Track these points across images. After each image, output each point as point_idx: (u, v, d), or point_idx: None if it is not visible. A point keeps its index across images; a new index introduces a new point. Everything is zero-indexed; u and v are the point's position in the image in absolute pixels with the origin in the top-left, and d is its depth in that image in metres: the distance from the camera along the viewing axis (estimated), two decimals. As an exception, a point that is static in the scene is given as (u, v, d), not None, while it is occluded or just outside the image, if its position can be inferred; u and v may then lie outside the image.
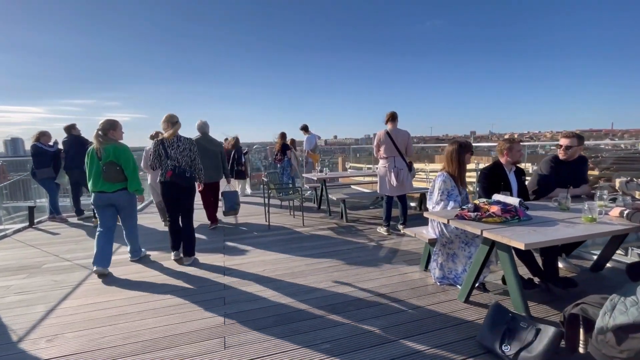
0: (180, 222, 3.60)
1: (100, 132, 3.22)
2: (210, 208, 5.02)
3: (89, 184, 3.32)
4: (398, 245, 4.03)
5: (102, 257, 3.27)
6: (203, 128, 4.76)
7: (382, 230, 4.54)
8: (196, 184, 3.70)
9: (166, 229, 4.41)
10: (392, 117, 4.31)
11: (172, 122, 3.47)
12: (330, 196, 5.86)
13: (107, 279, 3.26)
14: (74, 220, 5.91)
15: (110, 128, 3.28)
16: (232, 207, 4.99)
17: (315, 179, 5.72)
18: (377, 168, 4.53)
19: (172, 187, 3.43)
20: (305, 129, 7.74)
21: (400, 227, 4.57)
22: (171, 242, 3.59)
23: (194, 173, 3.54)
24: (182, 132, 3.58)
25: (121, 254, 3.90)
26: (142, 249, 3.85)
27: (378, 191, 4.53)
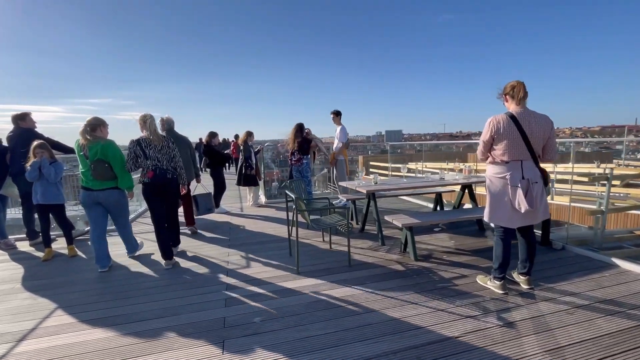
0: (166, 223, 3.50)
1: (88, 129, 3.17)
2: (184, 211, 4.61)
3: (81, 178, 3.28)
4: (545, 324, 2.18)
5: (102, 258, 3.36)
6: (169, 124, 4.34)
7: (491, 284, 2.70)
8: (181, 187, 3.60)
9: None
10: (522, 92, 2.45)
11: (144, 121, 3.30)
12: (384, 217, 4.02)
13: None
14: (25, 247, 4.25)
15: (100, 125, 3.26)
16: (206, 212, 4.93)
17: (364, 190, 3.87)
18: (487, 179, 2.66)
19: (155, 188, 3.31)
20: (339, 114, 5.92)
21: (520, 277, 2.72)
22: (161, 250, 3.42)
23: (176, 173, 3.43)
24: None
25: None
26: (139, 242, 3.88)
27: (486, 218, 2.67)
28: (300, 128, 5.65)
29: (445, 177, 4.36)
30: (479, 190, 7.51)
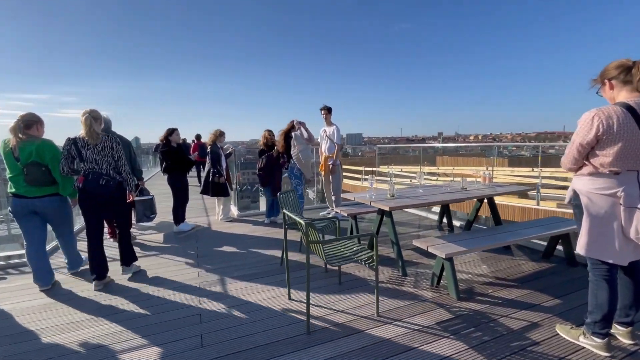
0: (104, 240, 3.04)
1: (22, 125, 2.75)
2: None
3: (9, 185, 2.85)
4: None
5: (41, 275, 2.94)
6: (106, 124, 3.75)
7: (586, 341, 1.94)
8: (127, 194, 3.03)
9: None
10: (634, 72, 1.73)
11: (82, 116, 2.81)
12: (412, 241, 3.17)
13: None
14: None
15: (37, 122, 2.85)
16: (143, 219, 4.25)
17: (387, 207, 2.94)
18: (582, 197, 1.87)
19: (88, 196, 2.84)
20: (331, 111, 5.05)
21: (620, 329, 2.00)
22: (90, 266, 2.96)
23: (120, 179, 2.91)
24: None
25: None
26: (84, 258, 3.35)
27: (581, 251, 1.91)
28: (286, 132, 4.84)
29: (468, 186, 3.64)
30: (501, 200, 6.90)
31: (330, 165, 5.05)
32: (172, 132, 4.53)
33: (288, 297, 2.63)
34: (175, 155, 4.47)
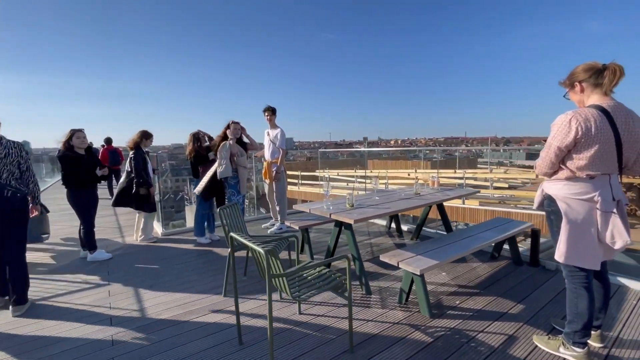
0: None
1: None
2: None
3: None
4: None
5: None
6: None
7: (567, 352, 1.86)
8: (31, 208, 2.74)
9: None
10: (618, 76, 1.70)
11: None
12: (380, 256, 2.86)
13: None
14: None
15: None
16: (30, 240, 3.44)
17: (351, 221, 2.59)
18: (559, 203, 1.78)
19: None
20: (276, 112, 4.58)
21: (596, 340, 1.99)
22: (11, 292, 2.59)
23: (21, 191, 2.57)
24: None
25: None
26: None
27: (561, 259, 1.83)
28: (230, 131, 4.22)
29: (420, 190, 3.56)
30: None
31: (274, 172, 4.58)
32: (72, 134, 3.53)
33: (239, 341, 2.10)
34: (78, 164, 3.48)
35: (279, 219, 4.73)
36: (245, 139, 4.41)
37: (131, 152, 4.13)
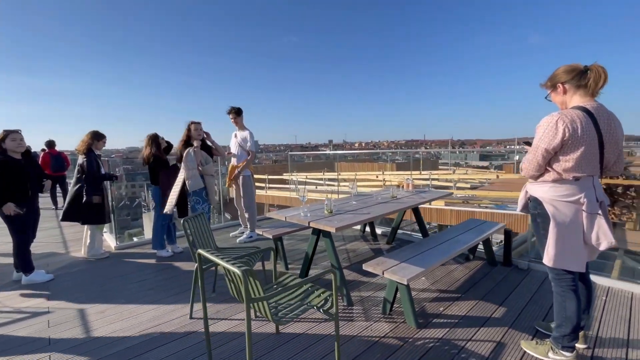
0: None
1: None
2: None
3: None
4: None
5: None
6: None
7: (556, 356, 1.83)
8: None
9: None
10: (603, 78, 1.69)
11: None
12: (363, 265, 2.70)
13: None
14: None
15: None
16: None
17: (333, 229, 2.40)
18: (546, 205, 1.73)
19: None
20: (241, 113, 4.28)
21: (580, 342, 1.98)
22: None
23: None
24: None
25: None
26: None
27: (549, 262, 1.79)
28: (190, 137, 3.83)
29: (397, 194, 3.48)
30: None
31: (240, 177, 4.29)
32: (6, 135, 3.00)
33: (210, 371, 1.83)
34: (14, 171, 2.95)
35: (248, 226, 4.44)
36: (208, 143, 4.08)
37: (82, 156, 3.64)
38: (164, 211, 3.64)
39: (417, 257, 2.44)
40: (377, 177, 10.29)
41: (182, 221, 2.41)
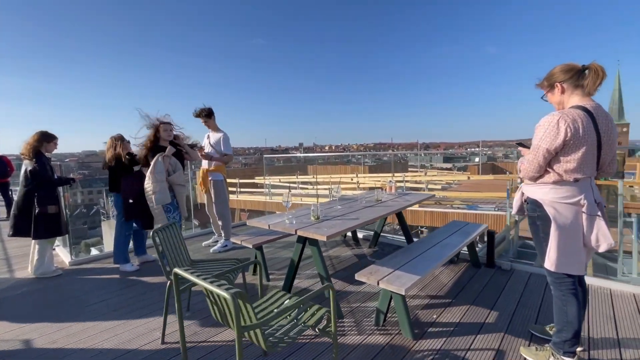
0: None
1: None
2: None
3: None
4: None
5: None
6: None
7: (557, 363, 1.79)
8: None
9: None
10: (601, 77, 1.66)
11: None
12: (356, 275, 2.52)
13: None
14: None
15: None
16: None
17: (324, 237, 2.20)
18: (547, 208, 1.68)
19: None
20: (212, 114, 3.97)
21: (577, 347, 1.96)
22: None
23: None
24: None
25: None
26: None
27: (552, 267, 1.73)
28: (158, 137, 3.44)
29: (381, 197, 3.38)
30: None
31: (211, 181, 3.99)
32: None
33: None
34: None
35: (222, 234, 4.14)
36: (179, 147, 3.70)
37: (29, 161, 3.18)
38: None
39: (410, 264, 2.33)
40: (352, 179, 10.27)
41: (151, 233, 2.12)
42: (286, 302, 1.61)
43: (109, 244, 4.39)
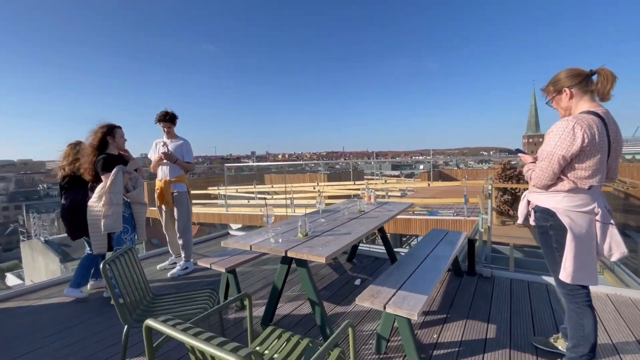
0: None
1: None
2: None
3: None
4: None
5: None
6: None
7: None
8: None
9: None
10: (611, 81, 1.63)
11: None
12: (356, 300, 2.23)
13: None
14: None
15: None
16: None
17: (322, 259, 1.89)
18: (561, 217, 1.59)
19: None
20: (175, 121, 3.47)
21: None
22: None
23: None
24: None
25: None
26: None
27: (567, 279, 1.65)
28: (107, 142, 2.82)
29: (364, 207, 3.19)
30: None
31: (174, 194, 3.48)
32: None
33: None
34: None
35: (182, 255, 3.61)
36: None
37: None
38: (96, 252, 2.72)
39: (410, 282, 2.14)
40: (314, 188, 10.05)
41: (102, 265, 1.65)
42: (299, 347, 1.29)
43: (30, 270, 3.58)
